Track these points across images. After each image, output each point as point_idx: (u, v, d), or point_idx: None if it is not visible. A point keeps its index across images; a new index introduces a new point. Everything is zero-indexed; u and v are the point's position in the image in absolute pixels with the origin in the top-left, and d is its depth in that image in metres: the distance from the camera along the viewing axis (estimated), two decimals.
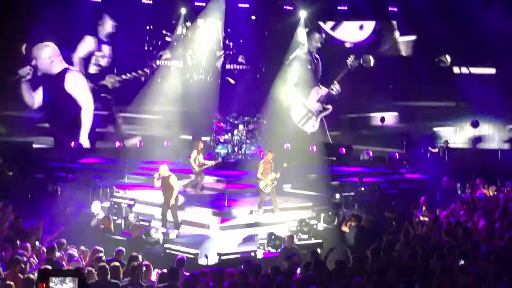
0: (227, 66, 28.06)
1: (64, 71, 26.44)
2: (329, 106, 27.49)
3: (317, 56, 27.53)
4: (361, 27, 27.55)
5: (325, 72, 27.91)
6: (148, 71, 27.24)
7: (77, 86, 26.61)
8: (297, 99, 27.29)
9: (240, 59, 28.05)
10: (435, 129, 27.19)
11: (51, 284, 3.93)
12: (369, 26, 27.56)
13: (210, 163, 19.03)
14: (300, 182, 20.83)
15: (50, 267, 3.83)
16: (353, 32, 27.72)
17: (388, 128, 27.57)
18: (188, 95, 26.16)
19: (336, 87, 27.26)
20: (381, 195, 19.11)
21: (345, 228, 15.29)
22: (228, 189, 18.87)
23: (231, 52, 27.91)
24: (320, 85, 27.40)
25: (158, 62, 27.34)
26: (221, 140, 23.68)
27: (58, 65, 26.30)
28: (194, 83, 26.80)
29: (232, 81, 27.79)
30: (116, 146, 25.07)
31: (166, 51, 27.49)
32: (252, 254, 13.99)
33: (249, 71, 28.21)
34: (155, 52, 27.49)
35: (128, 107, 26.83)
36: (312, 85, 27.61)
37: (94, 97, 26.91)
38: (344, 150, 25.46)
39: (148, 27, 27.53)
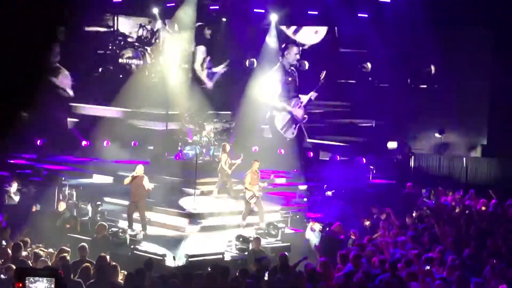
0: (198, 68, 27.99)
1: None
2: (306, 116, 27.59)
3: (294, 69, 27.57)
4: (316, 32, 27.86)
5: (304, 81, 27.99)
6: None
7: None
8: (280, 106, 27.31)
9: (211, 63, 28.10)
10: None
11: (27, 283, 3.88)
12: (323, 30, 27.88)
13: (239, 161, 18.99)
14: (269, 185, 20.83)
15: (15, 267, 3.77)
16: (309, 35, 28.00)
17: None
18: (157, 95, 25.93)
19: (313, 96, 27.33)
20: (348, 199, 19.23)
21: (309, 233, 15.35)
22: (196, 190, 18.81)
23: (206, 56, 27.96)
24: (300, 96, 27.49)
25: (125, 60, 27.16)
26: (189, 141, 23.56)
27: None
28: (162, 83, 26.53)
29: (207, 82, 27.71)
30: (83, 144, 24.82)
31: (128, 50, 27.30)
32: (220, 256, 13.98)
33: (223, 74, 28.17)
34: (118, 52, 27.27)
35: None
36: (292, 96, 27.62)
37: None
38: (311, 154, 25.61)
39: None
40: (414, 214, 15.86)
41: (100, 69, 26.79)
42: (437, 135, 25.41)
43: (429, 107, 25.26)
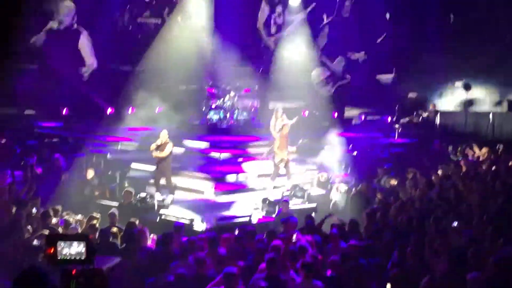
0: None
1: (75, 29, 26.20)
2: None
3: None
4: None
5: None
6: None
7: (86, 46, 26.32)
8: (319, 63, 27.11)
9: None
10: None
11: (58, 248, 3.97)
12: None
13: (292, 121, 19.00)
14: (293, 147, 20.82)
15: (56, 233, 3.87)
16: None
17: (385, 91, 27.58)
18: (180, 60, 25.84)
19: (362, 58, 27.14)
20: (373, 159, 19.20)
21: (335, 193, 15.43)
22: (222, 153, 18.89)
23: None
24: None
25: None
26: (213, 106, 23.58)
27: None
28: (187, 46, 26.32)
29: None
30: (108, 112, 24.93)
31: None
32: (247, 219, 14.10)
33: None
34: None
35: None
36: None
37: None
38: (336, 114, 25.48)
39: None
40: (440, 172, 15.81)
41: (118, 29, 26.70)
42: (462, 91, 25.09)
43: (453, 63, 24.89)
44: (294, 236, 10.59)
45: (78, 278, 3.93)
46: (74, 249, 3.96)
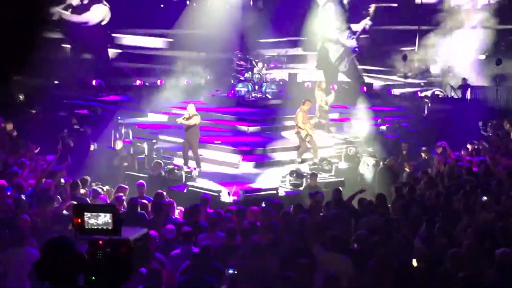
0: None
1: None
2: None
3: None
4: None
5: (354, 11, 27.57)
6: None
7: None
8: (334, 38, 26.93)
9: None
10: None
11: (85, 218, 4.00)
12: None
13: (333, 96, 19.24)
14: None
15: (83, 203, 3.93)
16: None
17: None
18: (209, 32, 25.75)
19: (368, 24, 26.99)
20: (402, 134, 19.05)
21: (363, 167, 15.37)
22: (250, 126, 18.89)
23: None
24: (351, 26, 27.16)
25: None
26: (242, 78, 23.53)
27: None
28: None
29: None
30: (137, 84, 25.05)
31: None
32: (274, 192, 14.11)
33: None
34: None
35: None
36: (345, 27, 27.22)
37: None
38: (365, 88, 25.27)
39: None
40: (469, 147, 15.65)
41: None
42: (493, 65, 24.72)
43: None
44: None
45: (104, 248, 3.96)
46: (101, 220, 3.99)
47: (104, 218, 3.96)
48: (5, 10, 18.84)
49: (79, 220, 3.97)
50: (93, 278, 3.92)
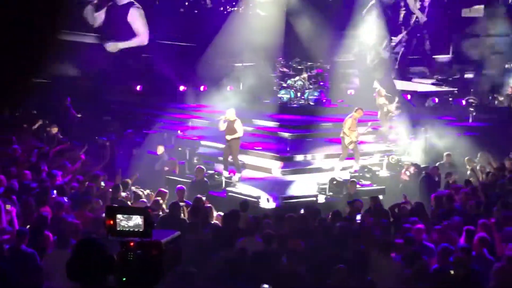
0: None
1: (130, 4, 26.58)
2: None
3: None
4: None
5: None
6: None
7: (138, 22, 26.74)
8: (374, 47, 26.76)
9: None
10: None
11: (117, 220, 4.07)
12: None
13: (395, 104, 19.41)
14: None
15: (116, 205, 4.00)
16: None
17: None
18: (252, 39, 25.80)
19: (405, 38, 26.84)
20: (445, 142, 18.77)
21: (404, 176, 15.22)
22: (290, 133, 18.89)
23: None
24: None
25: None
26: (284, 85, 23.58)
27: None
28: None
29: None
30: (181, 89, 25.27)
31: None
32: (314, 199, 14.08)
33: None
34: None
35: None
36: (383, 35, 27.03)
37: None
38: (408, 96, 25.03)
39: None
40: None
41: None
42: None
43: None
44: (358, 217, 10.52)
45: (135, 250, 4.02)
46: (133, 222, 4.06)
47: (136, 220, 4.03)
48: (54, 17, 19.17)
49: (111, 222, 4.05)
50: (124, 279, 4.00)
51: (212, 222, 10.62)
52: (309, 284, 7.71)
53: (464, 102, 24.11)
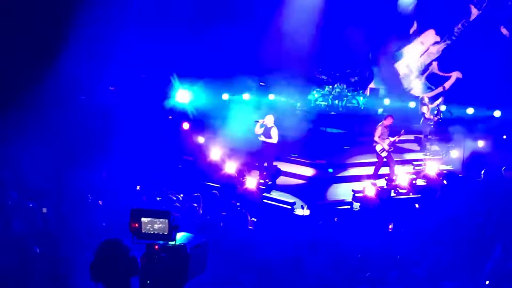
0: None
1: None
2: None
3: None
4: None
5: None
6: None
7: None
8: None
9: None
10: None
11: (142, 223, 4.12)
12: None
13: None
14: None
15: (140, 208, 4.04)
16: None
17: None
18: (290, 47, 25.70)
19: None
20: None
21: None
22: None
23: None
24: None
25: None
26: (322, 92, 23.57)
27: None
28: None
29: None
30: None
31: None
32: (349, 206, 14.01)
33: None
34: None
35: None
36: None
37: None
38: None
39: None
40: None
41: None
42: None
43: None
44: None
45: (160, 253, 4.07)
46: (157, 225, 4.11)
47: (160, 224, 4.08)
48: None
49: (136, 225, 4.10)
50: (148, 282, 4.04)
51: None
52: None
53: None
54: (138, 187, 12.55)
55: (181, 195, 12.58)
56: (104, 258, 3.93)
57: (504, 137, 19.68)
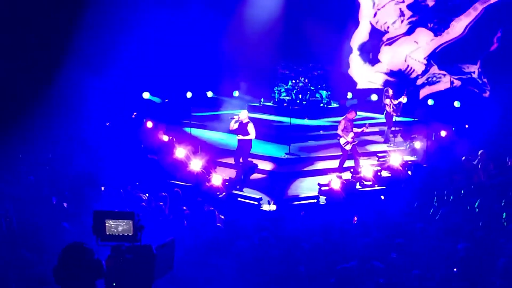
0: None
1: None
2: None
3: None
4: None
5: None
6: None
7: None
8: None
9: None
10: None
11: (107, 225, 4.07)
12: None
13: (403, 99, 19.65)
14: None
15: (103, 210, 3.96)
16: None
17: None
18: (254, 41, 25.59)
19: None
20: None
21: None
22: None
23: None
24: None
25: None
26: (285, 86, 23.59)
27: None
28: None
29: None
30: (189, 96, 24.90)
31: None
32: (315, 200, 14.06)
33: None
34: None
35: None
36: None
37: None
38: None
39: None
40: None
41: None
42: None
43: None
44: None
45: (125, 254, 4.02)
46: (121, 226, 4.06)
47: (124, 225, 4.03)
48: None
49: (101, 227, 4.05)
50: (114, 284, 3.99)
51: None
52: None
53: None
54: (102, 188, 12.41)
55: (147, 194, 12.48)
56: (68, 262, 3.87)
57: (467, 126, 19.97)
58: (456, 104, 22.51)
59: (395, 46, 26.05)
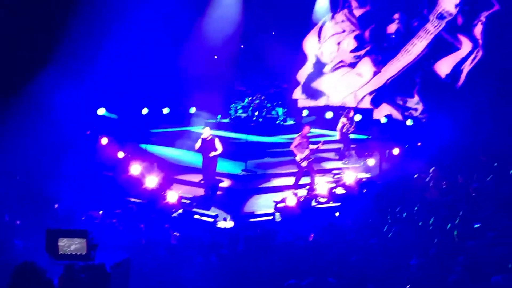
0: None
1: None
2: None
3: None
4: None
5: None
6: None
7: None
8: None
9: None
10: None
11: (60, 243, 4.03)
12: None
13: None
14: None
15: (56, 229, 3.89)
16: None
17: None
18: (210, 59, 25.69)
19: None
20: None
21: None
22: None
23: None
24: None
25: None
26: (242, 103, 23.67)
27: None
28: None
29: None
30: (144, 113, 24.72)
31: None
32: (271, 217, 14.10)
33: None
34: None
35: None
36: None
37: None
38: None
39: None
40: None
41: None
42: None
43: None
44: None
45: (79, 273, 3.97)
46: (74, 245, 4.02)
47: (77, 244, 3.99)
48: None
49: (54, 245, 4.00)
50: None
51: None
52: None
53: None
54: (56, 206, 12.24)
55: (101, 211, 12.36)
56: (19, 281, 3.80)
57: (419, 144, 20.30)
58: (409, 122, 22.93)
59: (338, 75, 26.23)
